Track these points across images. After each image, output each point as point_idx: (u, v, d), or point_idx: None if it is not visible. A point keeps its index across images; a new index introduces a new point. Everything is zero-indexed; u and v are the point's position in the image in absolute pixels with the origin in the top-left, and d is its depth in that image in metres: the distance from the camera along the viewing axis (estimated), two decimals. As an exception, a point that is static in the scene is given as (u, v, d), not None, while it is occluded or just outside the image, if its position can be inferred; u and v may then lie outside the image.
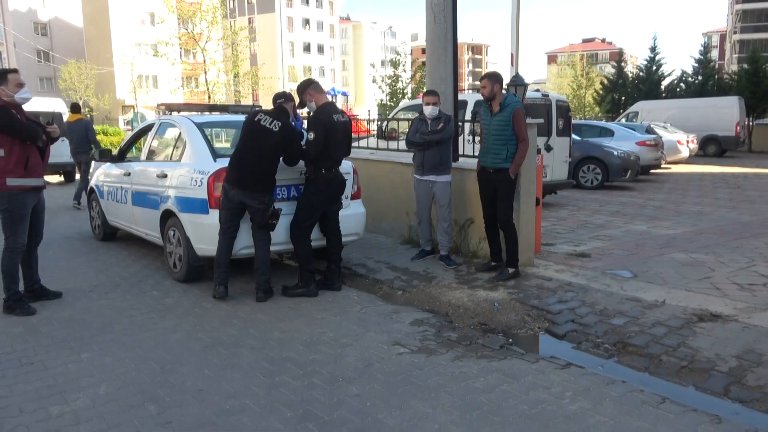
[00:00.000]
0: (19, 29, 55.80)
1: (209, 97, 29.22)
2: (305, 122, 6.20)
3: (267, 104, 6.19)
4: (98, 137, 27.40)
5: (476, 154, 6.60)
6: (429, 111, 6.50)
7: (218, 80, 30.23)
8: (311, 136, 5.57)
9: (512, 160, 5.95)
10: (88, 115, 48.42)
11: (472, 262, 6.72)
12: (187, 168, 6.14)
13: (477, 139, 7.28)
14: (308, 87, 5.81)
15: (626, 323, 4.81)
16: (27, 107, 5.41)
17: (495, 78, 6.01)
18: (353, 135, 6.03)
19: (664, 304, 5.25)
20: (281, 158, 5.62)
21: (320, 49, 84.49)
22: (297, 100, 5.86)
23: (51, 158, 5.60)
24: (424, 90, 7.03)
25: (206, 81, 29.56)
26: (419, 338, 4.68)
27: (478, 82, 6.71)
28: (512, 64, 8.00)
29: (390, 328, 4.90)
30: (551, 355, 4.36)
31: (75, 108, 12.64)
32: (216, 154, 6.10)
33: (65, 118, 16.45)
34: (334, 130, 5.64)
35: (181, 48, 34.17)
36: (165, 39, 29.19)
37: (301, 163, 5.77)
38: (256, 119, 5.52)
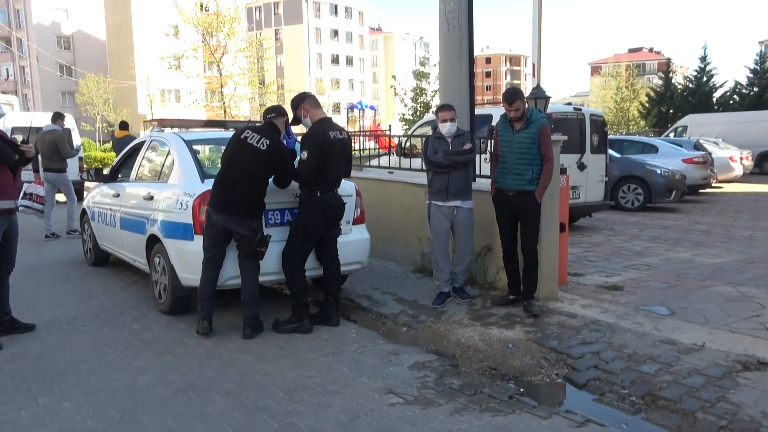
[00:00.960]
0: (42, 43, 57.61)
1: (225, 112, 29.44)
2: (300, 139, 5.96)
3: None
4: (113, 154, 27.95)
5: (488, 174, 6.23)
6: (447, 129, 6.00)
7: (235, 94, 30.45)
8: (304, 155, 5.33)
9: (537, 182, 5.65)
10: (108, 131, 49.48)
11: (488, 294, 6.37)
12: (173, 189, 5.98)
13: (485, 157, 6.92)
14: (303, 101, 5.59)
15: (658, 371, 4.44)
16: (37, 122, 5.28)
17: (522, 98, 5.73)
18: (380, 150, 5.76)
19: (703, 348, 4.86)
20: (271, 180, 5.38)
21: (349, 60, 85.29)
22: (291, 115, 5.63)
23: None
24: (438, 105, 6.67)
25: (222, 95, 29.80)
26: (417, 385, 4.36)
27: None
28: (534, 75, 7.70)
29: (386, 373, 4.60)
30: (568, 408, 4.00)
31: (123, 125, 12.80)
32: (204, 175, 5.93)
33: (75, 135, 16.65)
34: (329, 149, 5.40)
35: (205, 61, 34.68)
36: (182, 52, 29.59)
37: (295, 184, 5.53)
38: (242, 137, 5.30)
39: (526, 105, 5.89)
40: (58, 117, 11.08)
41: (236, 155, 5.28)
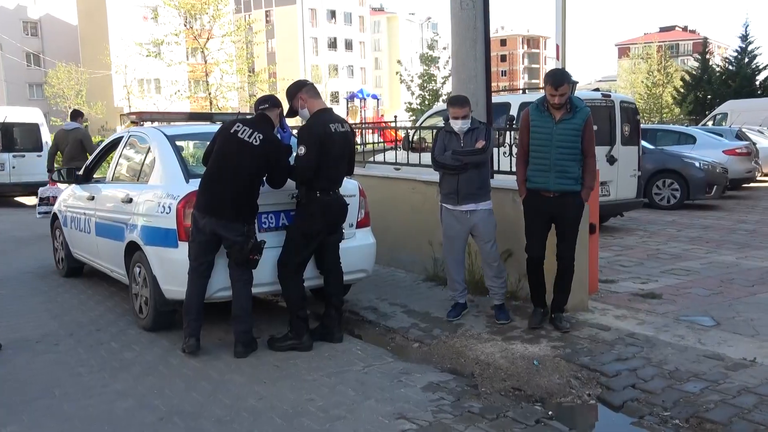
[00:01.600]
0: (6, 29, 57.73)
1: (211, 104, 29.48)
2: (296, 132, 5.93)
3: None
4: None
5: (513, 169, 6.15)
6: (459, 126, 5.89)
7: (222, 83, 30.49)
8: (302, 150, 5.30)
9: (582, 182, 5.50)
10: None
11: (510, 304, 6.32)
12: (154, 191, 5.97)
13: (504, 151, 6.84)
14: (300, 90, 5.56)
15: (703, 390, 4.41)
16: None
17: (570, 80, 5.46)
18: (384, 144, 5.70)
19: (754, 364, 4.83)
20: (264, 179, 5.36)
21: (348, 45, 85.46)
22: (287, 106, 5.60)
23: (25, 177, 5.51)
24: (449, 96, 6.53)
25: (207, 85, 29.82)
26: (432, 409, 4.32)
27: (536, 81, 6.18)
28: (558, 58, 7.67)
29: (396, 395, 4.57)
30: (602, 434, 3.95)
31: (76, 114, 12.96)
32: (189, 174, 5.92)
33: (44, 131, 16.71)
34: (330, 143, 5.37)
35: (188, 48, 34.74)
36: (162, 37, 29.62)
37: (292, 183, 5.51)
38: (232, 131, 5.28)
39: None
40: (77, 115, 12.25)
41: (226, 152, 5.25)
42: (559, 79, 5.39)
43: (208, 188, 5.26)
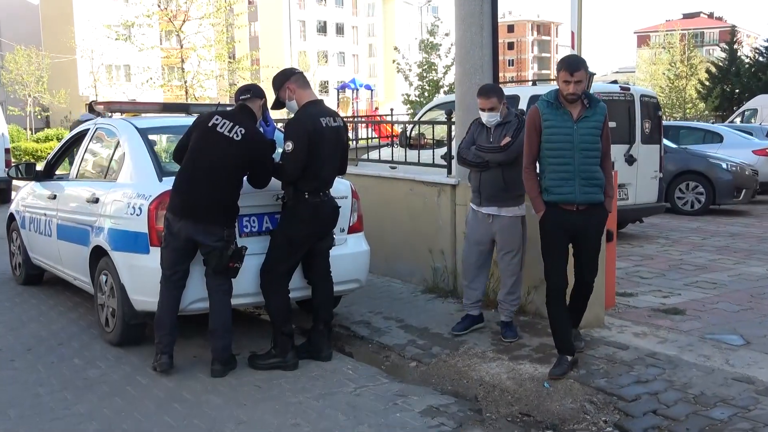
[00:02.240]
0: (-43, 8, 57.44)
1: (186, 93, 29.48)
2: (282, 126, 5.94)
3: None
4: (52, 144, 27.94)
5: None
6: (486, 119, 5.89)
7: (200, 70, 30.49)
8: (289, 146, 5.31)
9: (604, 190, 5.19)
10: (41, 117, 49.47)
11: (518, 320, 6.32)
12: (123, 190, 5.98)
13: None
14: (288, 79, 5.58)
15: (732, 417, 4.42)
16: None
17: (587, 68, 5.12)
18: (379, 140, 5.68)
19: (788, 388, 4.84)
20: (245, 178, 5.38)
21: (340, 29, 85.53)
22: (272, 97, 5.61)
23: None
24: (478, 88, 6.31)
25: (183, 72, 29.77)
26: (431, 436, 4.32)
27: (547, 71, 6.04)
28: (573, 47, 7.68)
29: (391, 420, 4.58)
30: (620, 465, 3.95)
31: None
32: (163, 172, 5.94)
33: None
34: (320, 139, 5.39)
35: (161, 30, 34.71)
36: (133, 19, 29.58)
37: (277, 183, 5.52)
38: (210, 124, 5.27)
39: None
40: (91, 107, 12.56)
41: (203, 147, 5.25)
42: (574, 63, 5.05)
43: (184, 188, 5.25)
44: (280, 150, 5.49)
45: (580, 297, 5.48)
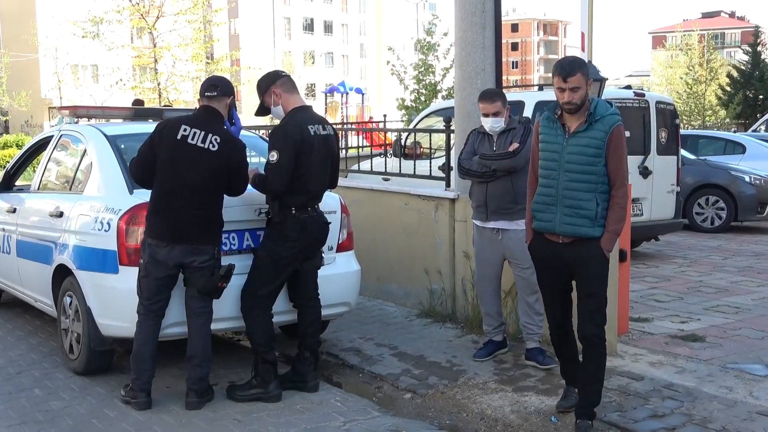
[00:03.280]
0: None
1: (160, 96, 29.49)
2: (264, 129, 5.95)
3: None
4: (11, 152, 27.81)
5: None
6: (490, 125, 5.94)
7: (175, 71, 30.53)
8: (274, 156, 5.32)
9: (604, 223, 4.67)
10: (1, 121, 49.33)
11: (522, 347, 6.33)
12: (91, 203, 5.98)
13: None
14: (274, 83, 5.60)
15: (757, 455, 4.43)
16: None
17: (586, 72, 4.70)
18: (371, 149, 5.66)
19: (818, 423, 4.85)
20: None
21: (328, 27, 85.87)
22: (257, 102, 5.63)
23: None
24: (479, 93, 6.36)
25: (156, 73, 29.77)
26: (427, 475, 4.32)
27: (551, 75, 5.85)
28: (583, 49, 7.73)
29: (384, 457, 4.55)
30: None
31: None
32: (134, 183, 5.87)
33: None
34: (308, 149, 5.41)
35: (133, 27, 34.71)
36: (102, 15, 29.60)
37: (260, 196, 5.54)
38: (179, 136, 5.23)
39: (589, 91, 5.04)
40: (139, 104, 13.10)
41: (179, 163, 5.22)
42: (568, 66, 4.63)
43: (165, 208, 5.22)
44: (255, 159, 5.47)
45: (587, 357, 4.83)
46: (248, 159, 5.58)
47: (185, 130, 5.24)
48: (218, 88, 5.45)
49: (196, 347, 5.33)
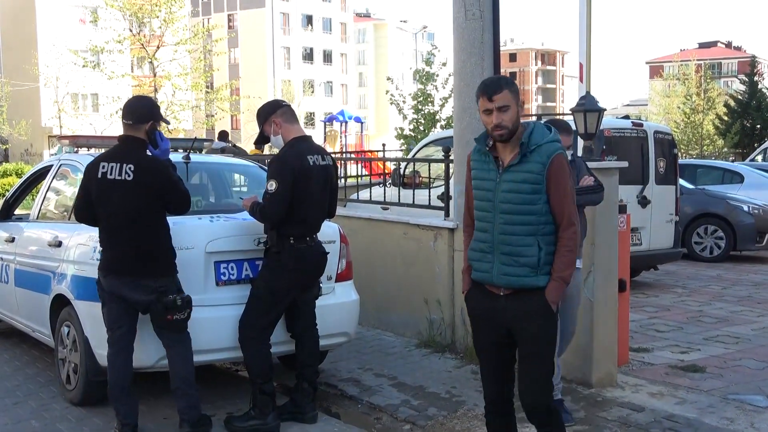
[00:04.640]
0: None
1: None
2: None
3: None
4: (11, 181, 27.86)
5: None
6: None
7: (174, 101, 30.68)
8: (272, 186, 5.32)
9: (550, 270, 3.96)
10: (2, 148, 49.43)
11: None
12: (89, 233, 5.91)
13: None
14: (274, 113, 5.61)
15: (760, 488, 4.38)
16: None
17: (516, 91, 4.02)
18: (370, 179, 5.62)
19: (820, 456, 4.81)
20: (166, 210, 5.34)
21: (327, 57, 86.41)
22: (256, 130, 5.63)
23: None
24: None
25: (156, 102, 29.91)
26: None
27: (552, 104, 5.66)
28: (582, 80, 7.75)
29: (383, 490, 4.51)
30: None
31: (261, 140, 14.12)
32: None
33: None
34: (307, 179, 5.42)
35: (133, 57, 34.96)
36: (103, 44, 29.80)
37: (258, 226, 5.54)
38: (100, 175, 5.18)
39: (532, 118, 5.03)
40: (225, 135, 14.22)
41: (105, 200, 5.19)
42: (493, 84, 3.99)
43: (107, 245, 5.24)
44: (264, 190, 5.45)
45: (540, 428, 4.14)
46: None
47: (103, 167, 5.19)
48: (133, 114, 5.32)
49: (175, 377, 5.29)
